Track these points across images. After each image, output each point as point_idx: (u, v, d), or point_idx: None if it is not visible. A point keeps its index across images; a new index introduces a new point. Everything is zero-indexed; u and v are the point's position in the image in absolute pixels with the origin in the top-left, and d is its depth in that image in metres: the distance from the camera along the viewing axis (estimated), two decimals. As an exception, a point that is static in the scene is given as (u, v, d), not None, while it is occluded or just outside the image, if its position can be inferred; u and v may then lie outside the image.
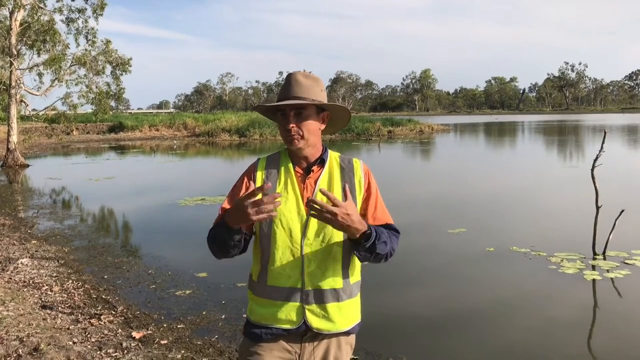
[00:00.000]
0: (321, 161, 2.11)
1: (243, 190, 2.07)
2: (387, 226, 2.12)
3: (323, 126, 2.14)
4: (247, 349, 2.07)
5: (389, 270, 5.94)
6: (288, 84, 2.08)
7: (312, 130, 2.07)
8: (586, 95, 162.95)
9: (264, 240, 2.03)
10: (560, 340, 4.74)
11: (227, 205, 2.08)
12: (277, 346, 2.03)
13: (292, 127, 2.03)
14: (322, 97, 2.10)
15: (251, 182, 2.05)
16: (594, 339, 4.95)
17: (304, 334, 2.03)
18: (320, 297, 2.00)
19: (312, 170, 2.09)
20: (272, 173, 2.09)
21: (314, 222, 2.00)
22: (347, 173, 2.10)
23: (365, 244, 1.93)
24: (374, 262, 2.05)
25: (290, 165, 2.10)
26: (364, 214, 2.09)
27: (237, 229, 1.92)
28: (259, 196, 1.82)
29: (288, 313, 2.00)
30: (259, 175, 2.10)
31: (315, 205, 1.82)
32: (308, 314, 2.00)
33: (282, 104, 2.03)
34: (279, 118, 2.08)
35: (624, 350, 4.61)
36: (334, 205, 1.82)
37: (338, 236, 2.02)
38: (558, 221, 9.60)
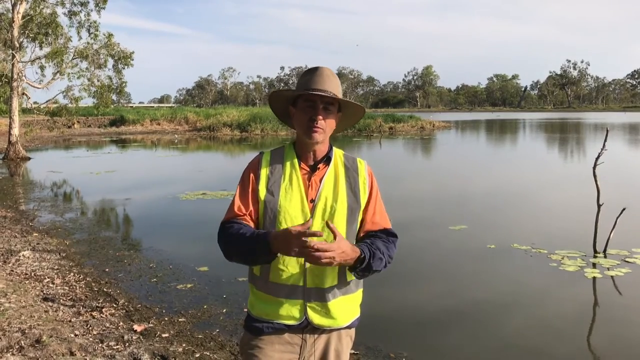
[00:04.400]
0: (327, 159, 2.10)
1: (250, 190, 2.06)
2: (385, 231, 2.11)
3: (335, 125, 2.13)
4: (248, 342, 2.08)
5: (390, 266, 5.95)
6: (318, 76, 2.04)
7: (332, 127, 2.09)
8: (588, 94, 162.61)
9: None
10: (560, 337, 4.76)
11: (238, 203, 2.06)
12: (279, 339, 2.04)
13: (321, 119, 2.01)
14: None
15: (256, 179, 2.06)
16: (594, 336, 4.96)
17: (305, 326, 2.03)
18: (322, 295, 2.01)
19: (318, 168, 2.07)
20: (277, 169, 2.07)
21: (317, 221, 2.00)
22: (351, 173, 2.10)
23: (361, 267, 1.96)
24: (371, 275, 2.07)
25: (296, 161, 2.08)
26: (363, 217, 2.09)
27: (275, 255, 1.92)
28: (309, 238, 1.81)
29: (290, 310, 2.00)
30: (264, 172, 2.07)
31: (314, 252, 1.81)
32: (309, 311, 2.01)
33: (318, 94, 1.99)
34: (302, 107, 2.04)
35: (623, 347, 4.62)
36: (334, 239, 1.84)
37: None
38: (559, 219, 9.61)
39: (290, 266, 1.99)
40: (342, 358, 2.12)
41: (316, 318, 2.01)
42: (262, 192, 2.04)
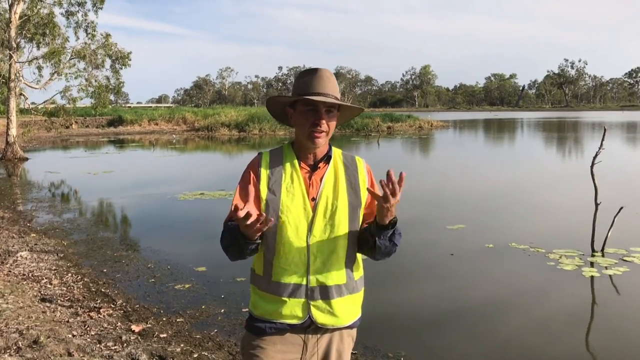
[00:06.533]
0: (327, 158, 2.11)
1: (252, 188, 2.02)
2: None
3: (335, 125, 2.15)
4: (249, 342, 2.08)
5: (388, 265, 5.94)
6: (319, 79, 2.04)
7: (333, 128, 2.09)
8: (586, 93, 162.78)
9: (270, 237, 2.02)
10: (558, 336, 4.76)
11: (238, 202, 2.01)
12: (281, 339, 2.04)
13: (324, 123, 2.01)
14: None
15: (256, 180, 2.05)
16: (592, 335, 4.97)
17: (308, 326, 2.04)
18: (326, 293, 2.01)
19: (319, 167, 2.09)
20: (277, 169, 2.07)
21: (320, 219, 2.01)
22: (351, 171, 2.11)
23: (390, 231, 1.96)
24: (384, 256, 2.06)
25: (296, 161, 2.08)
26: (369, 211, 2.09)
27: (251, 241, 1.89)
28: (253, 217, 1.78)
29: (293, 309, 2.00)
30: (264, 173, 2.06)
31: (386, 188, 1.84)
32: (313, 310, 2.01)
33: (322, 99, 1.99)
34: (302, 111, 2.03)
35: (621, 346, 4.63)
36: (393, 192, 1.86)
37: (343, 232, 2.03)
38: (557, 218, 9.61)
39: (293, 265, 2.00)
40: (344, 359, 2.12)
41: (320, 317, 2.01)
42: (264, 192, 2.04)
